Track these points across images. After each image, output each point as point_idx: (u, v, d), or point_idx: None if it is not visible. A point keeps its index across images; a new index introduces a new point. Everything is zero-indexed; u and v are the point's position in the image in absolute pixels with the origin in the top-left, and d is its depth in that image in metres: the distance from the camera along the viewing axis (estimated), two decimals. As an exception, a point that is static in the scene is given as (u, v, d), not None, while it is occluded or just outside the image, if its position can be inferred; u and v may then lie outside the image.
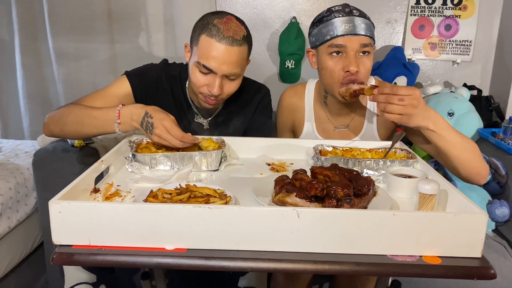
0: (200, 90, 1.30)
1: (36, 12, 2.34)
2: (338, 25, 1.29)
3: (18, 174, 1.86)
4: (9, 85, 2.50)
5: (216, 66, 1.24)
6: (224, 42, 1.22)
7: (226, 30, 1.22)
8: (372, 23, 1.33)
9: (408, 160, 1.12)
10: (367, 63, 1.31)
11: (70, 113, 1.26)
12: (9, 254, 1.77)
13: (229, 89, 1.31)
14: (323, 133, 1.50)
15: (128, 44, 2.37)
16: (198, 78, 1.28)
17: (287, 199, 0.88)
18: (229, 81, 1.29)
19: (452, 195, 0.93)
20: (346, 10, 1.31)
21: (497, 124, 2.09)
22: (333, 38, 1.29)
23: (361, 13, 1.32)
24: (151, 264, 0.81)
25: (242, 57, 1.27)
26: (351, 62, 1.28)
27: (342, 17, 1.29)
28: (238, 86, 1.34)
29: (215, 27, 1.23)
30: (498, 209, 1.65)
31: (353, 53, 1.28)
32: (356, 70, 1.28)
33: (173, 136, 1.10)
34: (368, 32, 1.30)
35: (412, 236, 0.78)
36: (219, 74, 1.25)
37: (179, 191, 0.94)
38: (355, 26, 1.28)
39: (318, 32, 1.34)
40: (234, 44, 1.23)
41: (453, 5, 2.24)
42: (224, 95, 1.32)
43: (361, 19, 1.30)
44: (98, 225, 0.78)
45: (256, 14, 2.31)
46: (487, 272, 0.77)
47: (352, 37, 1.28)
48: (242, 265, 0.78)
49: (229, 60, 1.24)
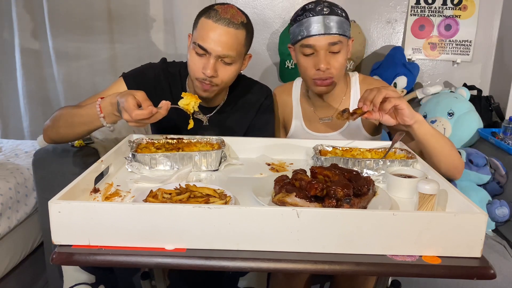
0: (196, 75, 1.30)
1: (36, 12, 2.35)
2: (308, 25, 1.34)
3: (18, 174, 1.86)
4: (9, 85, 2.50)
5: (210, 46, 1.25)
6: (221, 23, 1.24)
7: (224, 13, 1.25)
8: (345, 18, 1.36)
9: (408, 160, 1.12)
10: (338, 59, 1.36)
11: (61, 117, 1.29)
12: (9, 254, 1.77)
13: (224, 75, 1.30)
14: (310, 125, 1.56)
15: (128, 44, 2.37)
16: (194, 61, 1.29)
17: (287, 199, 0.88)
18: (224, 65, 1.29)
19: (452, 195, 0.93)
20: (317, 9, 1.34)
21: (497, 124, 2.09)
22: (303, 39, 1.35)
23: (332, 10, 1.35)
24: (151, 264, 0.81)
25: (238, 41, 1.28)
26: (321, 60, 1.34)
27: (312, 17, 1.33)
28: (234, 74, 1.33)
29: (214, 11, 1.26)
30: (498, 209, 1.65)
31: (323, 51, 1.34)
32: (327, 68, 1.34)
33: (129, 115, 1.07)
34: (338, 30, 1.33)
35: (412, 236, 0.78)
36: (213, 55, 1.26)
37: (179, 191, 0.94)
38: (324, 26, 1.32)
39: (293, 30, 1.40)
40: (230, 26, 1.25)
41: (453, 5, 2.24)
42: (219, 81, 1.30)
43: (331, 17, 1.33)
44: (98, 225, 0.78)
45: (256, 14, 2.31)
46: (487, 272, 0.77)
47: (320, 37, 1.33)
48: (242, 265, 0.78)
49: (224, 41, 1.25)
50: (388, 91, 1.18)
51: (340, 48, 1.35)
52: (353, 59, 2.22)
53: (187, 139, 1.24)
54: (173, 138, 1.25)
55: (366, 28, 2.28)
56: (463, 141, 1.98)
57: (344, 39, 1.36)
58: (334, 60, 1.36)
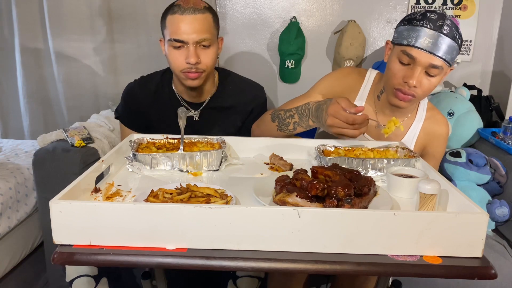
0: (180, 68, 1.36)
1: (36, 12, 2.34)
2: (419, 35, 1.24)
3: (18, 174, 1.86)
4: (9, 85, 2.50)
5: (185, 36, 1.31)
6: (187, 13, 1.31)
7: (185, 3, 1.32)
8: (458, 46, 1.26)
9: (410, 159, 1.12)
10: (431, 81, 1.28)
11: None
12: (9, 253, 1.77)
13: (207, 58, 1.36)
14: None
15: (128, 44, 2.36)
16: (174, 56, 1.35)
17: (288, 199, 0.88)
18: (203, 48, 1.35)
19: (453, 195, 0.93)
20: (438, 24, 1.23)
21: (497, 124, 2.09)
22: (408, 46, 1.25)
23: (451, 32, 1.24)
24: (152, 264, 0.81)
25: (208, 24, 1.34)
26: (414, 75, 1.26)
27: (428, 29, 1.23)
28: (215, 56, 1.39)
29: (176, 6, 1.33)
30: (498, 209, 1.65)
31: (421, 68, 1.26)
32: (414, 86, 1.27)
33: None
34: (446, 56, 1.24)
35: (412, 236, 0.79)
36: (191, 43, 1.32)
37: (180, 191, 0.94)
38: (435, 44, 1.22)
39: (401, 30, 1.30)
40: (196, 13, 1.31)
41: (453, 5, 2.24)
42: (204, 66, 1.36)
43: (446, 40, 1.23)
44: (99, 225, 0.78)
45: (256, 14, 2.31)
46: (487, 272, 0.77)
47: (426, 54, 1.23)
48: (243, 265, 0.78)
49: (196, 27, 1.31)
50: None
51: (437, 73, 1.26)
52: (353, 59, 2.22)
53: (188, 139, 1.25)
54: (174, 138, 1.25)
55: (366, 28, 2.28)
56: (463, 141, 1.99)
57: (445, 66, 1.27)
58: (426, 80, 1.27)
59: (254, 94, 1.55)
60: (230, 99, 1.51)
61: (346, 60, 2.22)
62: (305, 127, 1.31)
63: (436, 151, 1.48)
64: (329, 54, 2.34)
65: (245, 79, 1.58)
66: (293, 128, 1.33)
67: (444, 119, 1.49)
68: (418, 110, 1.46)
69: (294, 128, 1.33)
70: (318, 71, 2.34)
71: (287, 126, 1.34)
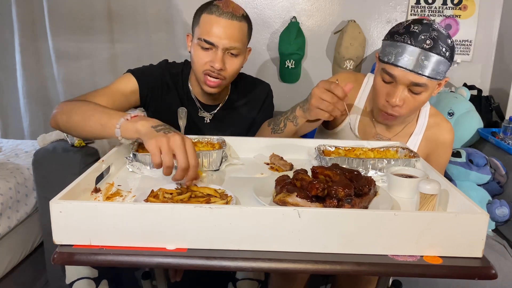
0: (202, 69, 1.31)
1: (36, 12, 2.34)
2: (399, 52, 1.18)
3: (18, 174, 1.86)
4: (9, 85, 2.50)
5: (217, 39, 1.27)
6: (224, 16, 1.26)
7: (225, 7, 1.27)
8: (446, 58, 1.18)
9: (410, 159, 1.12)
10: (416, 99, 1.23)
11: (82, 105, 1.16)
12: (9, 254, 1.77)
13: (231, 67, 1.32)
14: (362, 133, 1.44)
15: (128, 44, 2.37)
16: (200, 56, 1.30)
17: (288, 199, 0.88)
18: (231, 57, 1.31)
19: (453, 195, 0.93)
20: (420, 38, 1.16)
21: (497, 124, 2.09)
22: (388, 64, 1.21)
23: (436, 45, 1.15)
24: (152, 264, 0.81)
25: (242, 33, 1.30)
26: (396, 95, 1.22)
27: (408, 45, 1.17)
28: (239, 66, 1.35)
29: (214, 6, 1.28)
30: (498, 209, 1.66)
31: (402, 87, 1.21)
32: (398, 105, 1.23)
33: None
34: (430, 73, 1.17)
35: (413, 236, 0.78)
36: (220, 48, 1.28)
37: (180, 191, 0.94)
38: (416, 62, 1.16)
39: (385, 46, 1.25)
40: (233, 19, 1.27)
41: (453, 4, 2.24)
42: (227, 73, 1.32)
43: (429, 55, 1.15)
44: (99, 225, 0.78)
45: (256, 14, 2.31)
46: (488, 272, 0.77)
47: (406, 73, 1.18)
48: (243, 265, 0.78)
49: (229, 33, 1.27)
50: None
51: (422, 90, 1.20)
52: (353, 59, 2.22)
53: (188, 139, 1.24)
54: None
55: (366, 28, 2.28)
56: (463, 141, 1.99)
57: (432, 82, 1.20)
58: (411, 98, 1.22)
59: (265, 92, 1.54)
60: (242, 98, 1.49)
61: (346, 60, 2.22)
62: (292, 119, 1.29)
63: (440, 159, 1.44)
64: (329, 54, 2.34)
65: (254, 78, 1.57)
66: (284, 125, 1.32)
67: (448, 125, 1.43)
68: (419, 118, 1.42)
69: (284, 125, 1.32)
70: (318, 71, 2.36)
71: (279, 125, 1.33)
